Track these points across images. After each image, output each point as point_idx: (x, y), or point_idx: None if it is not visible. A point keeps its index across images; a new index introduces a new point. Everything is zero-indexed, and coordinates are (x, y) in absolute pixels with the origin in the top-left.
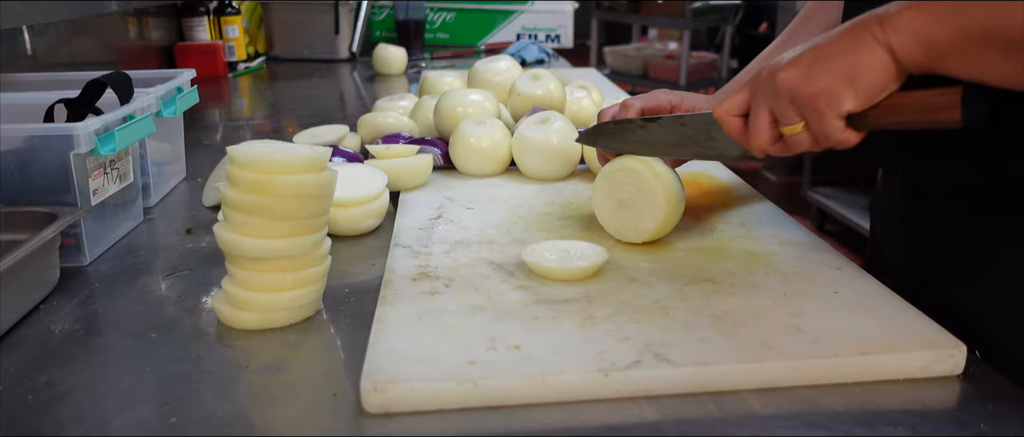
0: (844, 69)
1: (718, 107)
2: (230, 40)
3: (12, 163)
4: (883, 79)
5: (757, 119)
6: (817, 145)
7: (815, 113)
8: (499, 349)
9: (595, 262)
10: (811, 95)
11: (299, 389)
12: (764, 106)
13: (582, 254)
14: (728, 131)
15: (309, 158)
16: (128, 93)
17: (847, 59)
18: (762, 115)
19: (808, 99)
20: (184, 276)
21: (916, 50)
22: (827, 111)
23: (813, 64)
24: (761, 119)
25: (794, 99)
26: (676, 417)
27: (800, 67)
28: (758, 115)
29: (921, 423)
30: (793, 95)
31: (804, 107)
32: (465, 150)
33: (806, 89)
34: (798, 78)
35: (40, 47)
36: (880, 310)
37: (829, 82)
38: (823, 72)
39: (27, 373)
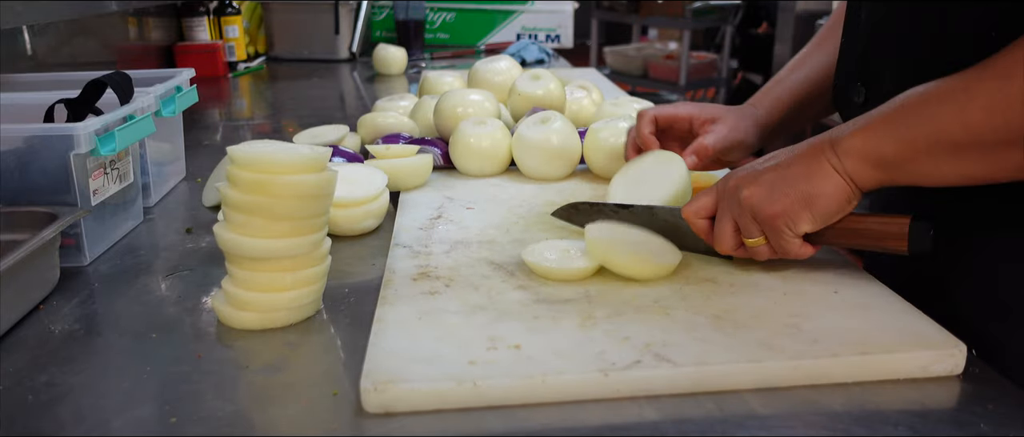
0: (802, 194)
1: (686, 208)
2: (230, 40)
3: (12, 163)
4: (838, 203)
5: (721, 227)
6: (775, 255)
7: (774, 231)
8: (499, 349)
9: (595, 262)
10: (771, 215)
11: (299, 389)
12: (728, 216)
13: (583, 254)
14: (695, 231)
15: (309, 158)
16: (128, 93)
17: (805, 185)
18: (726, 224)
19: (768, 219)
20: (184, 276)
21: (870, 169)
22: (785, 231)
23: (774, 186)
24: (725, 227)
25: (756, 217)
26: (676, 417)
27: (762, 187)
28: (722, 223)
29: (921, 423)
30: (755, 213)
31: (764, 225)
32: (465, 150)
33: (766, 210)
34: (760, 198)
35: (40, 47)
36: (880, 310)
37: (788, 205)
38: (782, 195)
39: (27, 373)
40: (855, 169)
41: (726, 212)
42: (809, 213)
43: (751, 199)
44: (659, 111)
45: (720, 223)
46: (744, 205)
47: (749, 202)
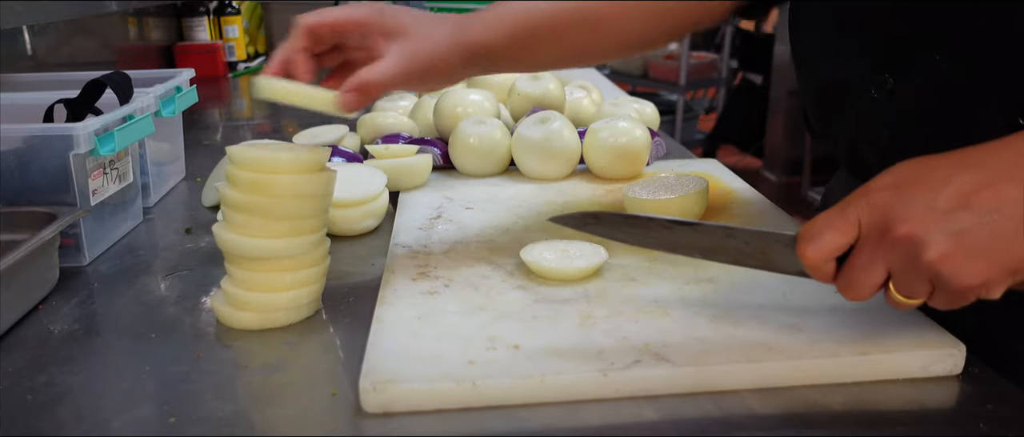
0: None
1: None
2: (230, 40)
3: (12, 163)
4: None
5: (866, 277)
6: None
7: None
8: (498, 349)
9: (594, 262)
10: (966, 289)
11: (298, 389)
12: (882, 266)
13: (582, 253)
14: (815, 275)
15: (308, 158)
16: (128, 93)
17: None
18: (875, 275)
19: (961, 291)
20: (183, 276)
21: None
22: (973, 297)
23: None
24: (872, 279)
25: (937, 283)
26: (675, 417)
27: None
28: (870, 273)
29: (921, 423)
30: (939, 280)
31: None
32: (464, 149)
33: (963, 282)
34: (956, 267)
35: (40, 47)
36: (880, 310)
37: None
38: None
39: (27, 373)
40: None
41: (880, 261)
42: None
43: (943, 266)
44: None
45: (865, 272)
46: (925, 268)
47: (938, 269)
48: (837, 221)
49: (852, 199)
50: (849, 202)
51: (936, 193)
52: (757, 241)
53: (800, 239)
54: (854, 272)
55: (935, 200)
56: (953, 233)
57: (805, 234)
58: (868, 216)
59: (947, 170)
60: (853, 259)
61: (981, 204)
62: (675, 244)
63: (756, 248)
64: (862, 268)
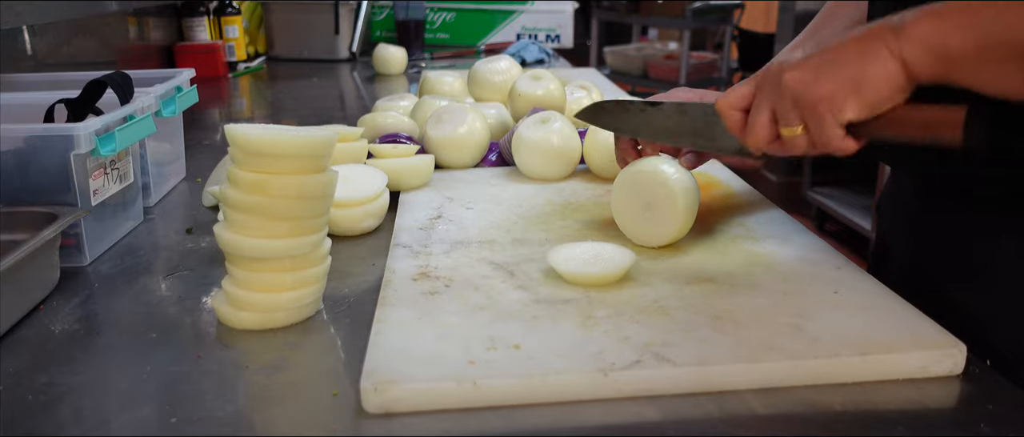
0: (851, 77)
1: (721, 99)
2: (230, 40)
3: (12, 163)
4: (890, 91)
5: (757, 116)
6: (814, 149)
7: (816, 118)
8: (499, 349)
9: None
10: (814, 100)
11: (299, 389)
12: (766, 104)
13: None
14: (728, 125)
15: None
16: (128, 93)
17: (856, 67)
18: (763, 113)
19: (811, 104)
20: (184, 276)
21: (930, 61)
22: (828, 117)
23: (820, 68)
24: (762, 117)
25: (797, 102)
26: (676, 417)
27: (807, 70)
28: (759, 112)
29: (921, 423)
30: (796, 97)
31: (806, 111)
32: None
33: (810, 93)
34: (803, 81)
35: (40, 47)
36: (880, 310)
37: (834, 89)
38: (829, 78)
39: (27, 373)
40: (915, 57)
41: (764, 100)
42: (856, 99)
43: (794, 82)
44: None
45: (756, 112)
46: (786, 88)
47: (791, 85)
48: (743, 83)
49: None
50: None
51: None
52: (700, 114)
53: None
54: (751, 116)
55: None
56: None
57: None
58: (763, 74)
59: None
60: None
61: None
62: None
63: (702, 123)
64: (755, 109)
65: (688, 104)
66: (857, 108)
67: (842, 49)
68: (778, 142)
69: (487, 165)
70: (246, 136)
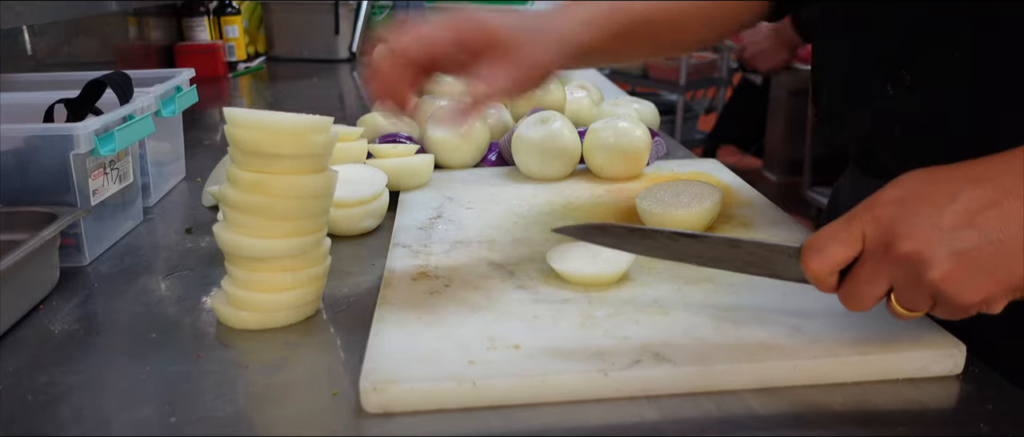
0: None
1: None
2: (230, 40)
3: (12, 163)
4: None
5: (868, 290)
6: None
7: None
8: (499, 349)
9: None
10: (968, 305)
11: (299, 389)
12: (885, 280)
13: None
14: (818, 286)
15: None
16: (128, 93)
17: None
18: (877, 288)
19: (962, 308)
20: (184, 276)
21: None
22: (974, 311)
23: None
24: (874, 291)
25: (939, 299)
26: (676, 417)
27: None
28: (872, 286)
29: (921, 423)
30: (940, 297)
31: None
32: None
33: (963, 299)
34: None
35: (40, 47)
36: (880, 310)
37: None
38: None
39: (27, 373)
40: None
41: (882, 276)
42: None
43: (946, 285)
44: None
45: (869, 286)
46: (927, 286)
47: (940, 288)
48: (842, 234)
49: (857, 212)
50: (854, 215)
51: (941, 210)
52: (761, 252)
53: (805, 251)
54: (857, 285)
55: (940, 217)
56: (956, 252)
57: (810, 246)
58: (873, 230)
59: (954, 184)
60: (856, 272)
61: (986, 223)
62: (681, 254)
63: (760, 259)
64: (865, 281)
65: (744, 241)
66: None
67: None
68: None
69: (487, 165)
70: (244, 136)
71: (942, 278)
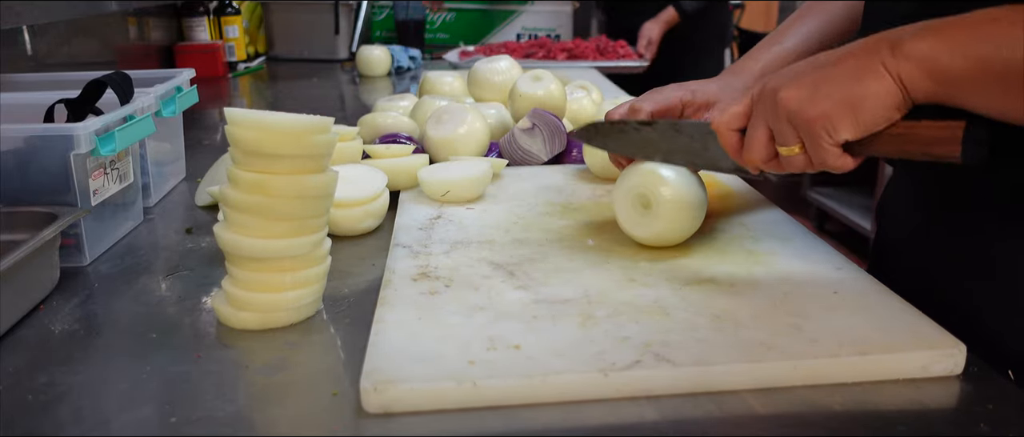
0: (847, 96)
1: (716, 119)
2: (230, 40)
3: (12, 163)
4: (886, 109)
5: (754, 135)
6: (812, 167)
7: (812, 137)
8: (499, 349)
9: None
10: (810, 119)
11: (299, 389)
12: (762, 123)
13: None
14: (724, 144)
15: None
16: (128, 93)
17: (852, 86)
18: (759, 132)
19: (807, 123)
20: (184, 276)
21: (927, 81)
22: (825, 137)
23: (816, 87)
24: (758, 136)
25: (793, 121)
26: (676, 417)
27: (802, 88)
28: (755, 132)
29: (921, 423)
30: (792, 117)
31: (802, 130)
32: None
33: (806, 113)
34: (799, 100)
35: (40, 47)
36: (880, 310)
37: (830, 108)
38: (825, 97)
39: (27, 373)
40: (911, 75)
41: (760, 118)
42: (853, 118)
43: (790, 101)
44: (651, 104)
45: (753, 131)
46: (781, 107)
47: (787, 104)
48: (738, 99)
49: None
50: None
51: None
52: (695, 132)
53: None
54: (747, 136)
55: (795, 68)
56: (795, 75)
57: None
58: (758, 91)
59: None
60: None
61: (825, 59)
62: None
63: (697, 142)
64: (751, 127)
65: (683, 123)
66: (853, 128)
67: (838, 66)
68: (775, 160)
69: None
70: (245, 136)
71: (786, 97)
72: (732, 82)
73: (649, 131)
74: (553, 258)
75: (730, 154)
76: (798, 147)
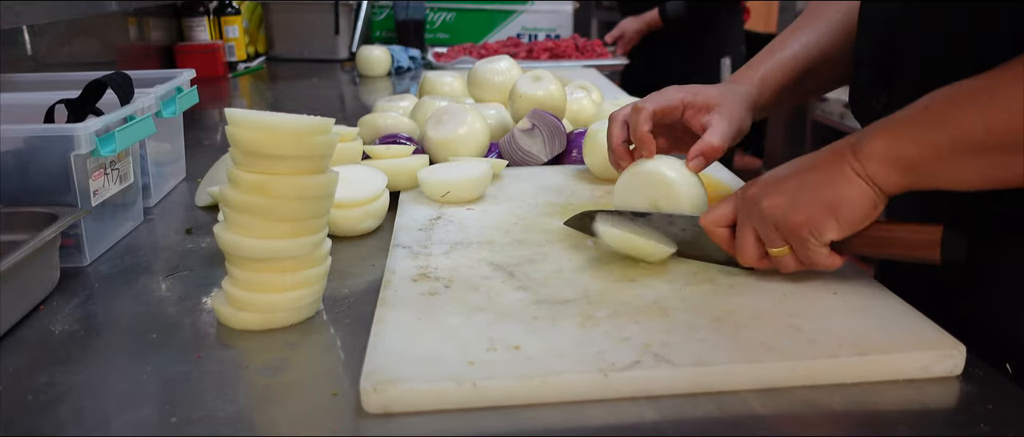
0: (826, 201)
1: (705, 217)
2: (230, 40)
3: (12, 163)
4: (864, 209)
5: (743, 237)
6: (802, 266)
7: (800, 241)
8: (499, 350)
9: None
10: (795, 225)
11: (299, 389)
12: (749, 226)
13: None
14: (715, 240)
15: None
16: (128, 93)
17: (828, 192)
18: (748, 234)
19: (793, 228)
20: (184, 276)
21: (893, 173)
22: (811, 240)
23: (796, 195)
24: (747, 238)
25: (778, 227)
26: (676, 417)
27: (784, 196)
28: (744, 234)
29: (921, 423)
30: (777, 223)
31: (789, 236)
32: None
33: (790, 219)
34: (782, 207)
35: (40, 47)
36: (880, 310)
37: (812, 213)
38: (805, 203)
39: (27, 373)
40: (878, 173)
41: (746, 224)
42: (834, 220)
43: (773, 209)
44: (653, 104)
45: (741, 234)
46: (766, 216)
47: (771, 212)
48: (723, 201)
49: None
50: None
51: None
52: (688, 225)
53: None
54: (738, 237)
55: (775, 174)
56: (776, 184)
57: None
58: (741, 194)
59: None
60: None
61: (799, 166)
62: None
63: (690, 234)
64: (740, 230)
65: (676, 217)
66: (837, 229)
67: (814, 172)
68: (767, 259)
69: None
70: (245, 137)
71: (769, 206)
72: (734, 88)
73: (643, 220)
74: (553, 259)
75: (723, 248)
76: (787, 249)
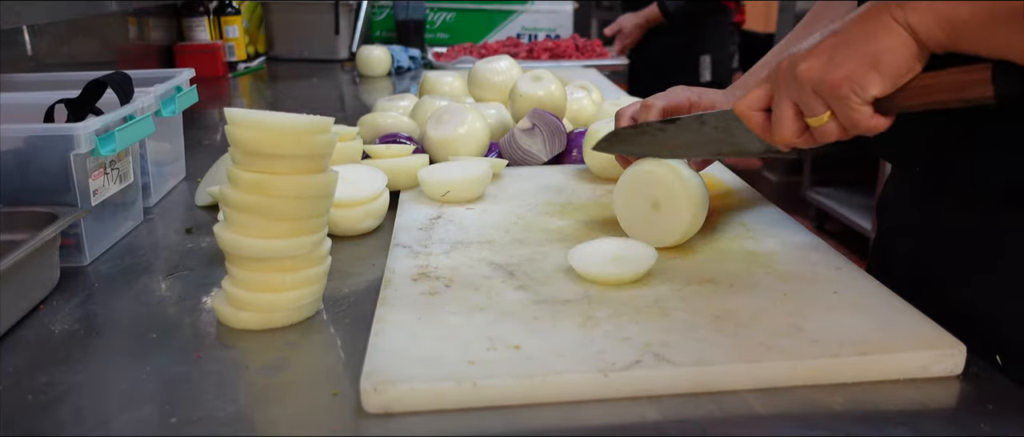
0: (866, 54)
1: (739, 102)
2: (230, 40)
3: (12, 163)
4: (907, 60)
5: (781, 112)
6: (846, 133)
7: (841, 101)
8: (499, 349)
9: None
10: (835, 83)
11: (299, 389)
12: (786, 98)
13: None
14: (750, 126)
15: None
16: (128, 93)
17: (868, 44)
18: (785, 108)
19: (832, 87)
20: (184, 276)
21: (937, 29)
22: (854, 97)
23: (834, 51)
24: (785, 112)
25: (818, 89)
26: (676, 417)
27: (820, 56)
28: (781, 108)
29: (921, 423)
30: (816, 85)
31: (829, 96)
32: None
33: (829, 77)
34: (819, 67)
35: (40, 47)
36: (880, 310)
37: (852, 68)
38: (845, 59)
39: (27, 373)
40: (922, 25)
41: (784, 95)
42: (877, 73)
43: (811, 71)
44: (664, 100)
45: (779, 109)
46: (803, 79)
47: (808, 75)
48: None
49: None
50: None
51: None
52: (720, 121)
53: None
54: (775, 114)
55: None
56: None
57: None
58: (774, 72)
59: None
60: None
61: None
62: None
63: (723, 130)
64: (776, 107)
65: (707, 114)
66: (880, 83)
67: (850, 29)
68: (807, 134)
69: None
70: (245, 136)
71: (806, 68)
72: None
73: (673, 129)
74: (553, 258)
75: (759, 134)
76: (828, 115)
